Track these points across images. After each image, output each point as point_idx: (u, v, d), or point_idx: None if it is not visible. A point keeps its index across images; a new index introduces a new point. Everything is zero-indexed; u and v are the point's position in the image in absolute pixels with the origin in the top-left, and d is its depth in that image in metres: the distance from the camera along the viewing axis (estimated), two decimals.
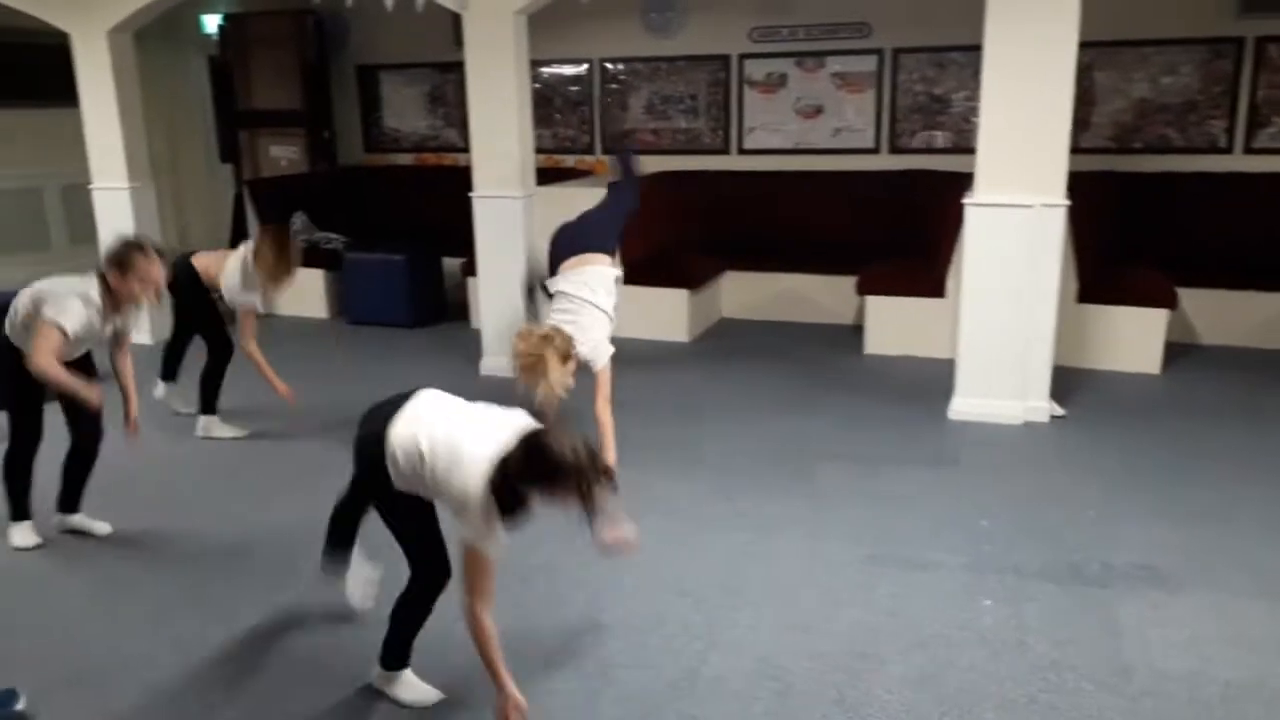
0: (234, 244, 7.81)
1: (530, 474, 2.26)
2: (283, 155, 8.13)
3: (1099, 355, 5.39)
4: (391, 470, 2.43)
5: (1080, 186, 4.64)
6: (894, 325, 5.78)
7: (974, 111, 4.51)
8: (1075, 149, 4.72)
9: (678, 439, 4.50)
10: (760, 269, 6.71)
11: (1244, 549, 3.37)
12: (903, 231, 6.43)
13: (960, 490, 3.90)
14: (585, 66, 7.60)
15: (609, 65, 7.54)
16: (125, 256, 3.40)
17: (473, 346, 5.70)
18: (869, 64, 6.91)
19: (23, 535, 3.58)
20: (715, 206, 7.11)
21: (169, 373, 5.06)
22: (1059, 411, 4.67)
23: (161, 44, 8.42)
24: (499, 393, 5.09)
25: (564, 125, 7.76)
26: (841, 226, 6.77)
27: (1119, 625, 2.91)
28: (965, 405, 4.68)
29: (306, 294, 7.04)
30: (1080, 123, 6.36)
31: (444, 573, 2.55)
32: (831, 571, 3.25)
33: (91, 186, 6.32)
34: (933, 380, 5.04)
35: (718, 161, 7.33)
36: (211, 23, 8.66)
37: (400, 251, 6.74)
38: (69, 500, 3.67)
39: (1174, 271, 5.54)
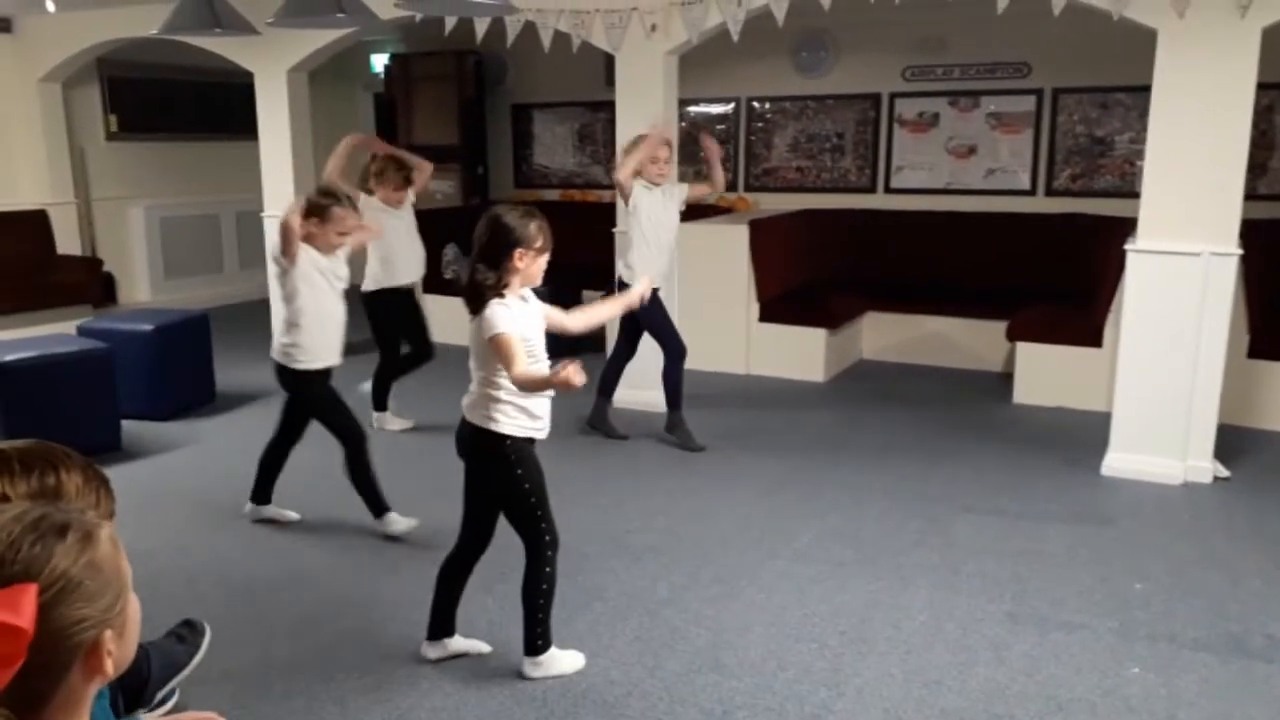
0: None
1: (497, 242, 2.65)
2: (438, 189, 8.50)
3: (1269, 415, 5.02)
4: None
5: (1255, 235, 4.35)
6: (1046, 374, 5.53)
7: (1138, 154, 4.31)
8: (1250, 195, 4.44)
9: (809, 481, 4.42)
10: (903, 310, 6.56)
11: None
12: (1057, 277, 6.19)
13: (1111, 550, 3.69)
14: (731, 105, 7.66)
15: (755, 103, 7.58)
16: (322, 207, 3.63)
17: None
18: (1027, 104, 6.71)
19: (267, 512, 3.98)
20: (858, 245, 7.02)
21: (380, 402, 5.17)
22: (1223, 473, 4.36)
23: (334, 82, 9.00)
24: (622, 423, 5.21)
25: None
26: (991, 269, 6.56)
27: None
28: (1120, 461, 4.43)
29: (456, 323, 7.28)
30: (1257, 167, 5.99)
31: (552, 542, 2.73)
32: (965, 627, 3.12)
33: (263, 214, 6.76)
34: (1086, 433, 4.80)
35: (863, 200, 7.24)
36: (379, 62, 9.19)
37: (546, 283, 6.88)
38: (263, 491, 3.98)
39: None
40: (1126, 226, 4.47)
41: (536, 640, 2.80)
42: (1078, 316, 5.54)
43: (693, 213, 6.59)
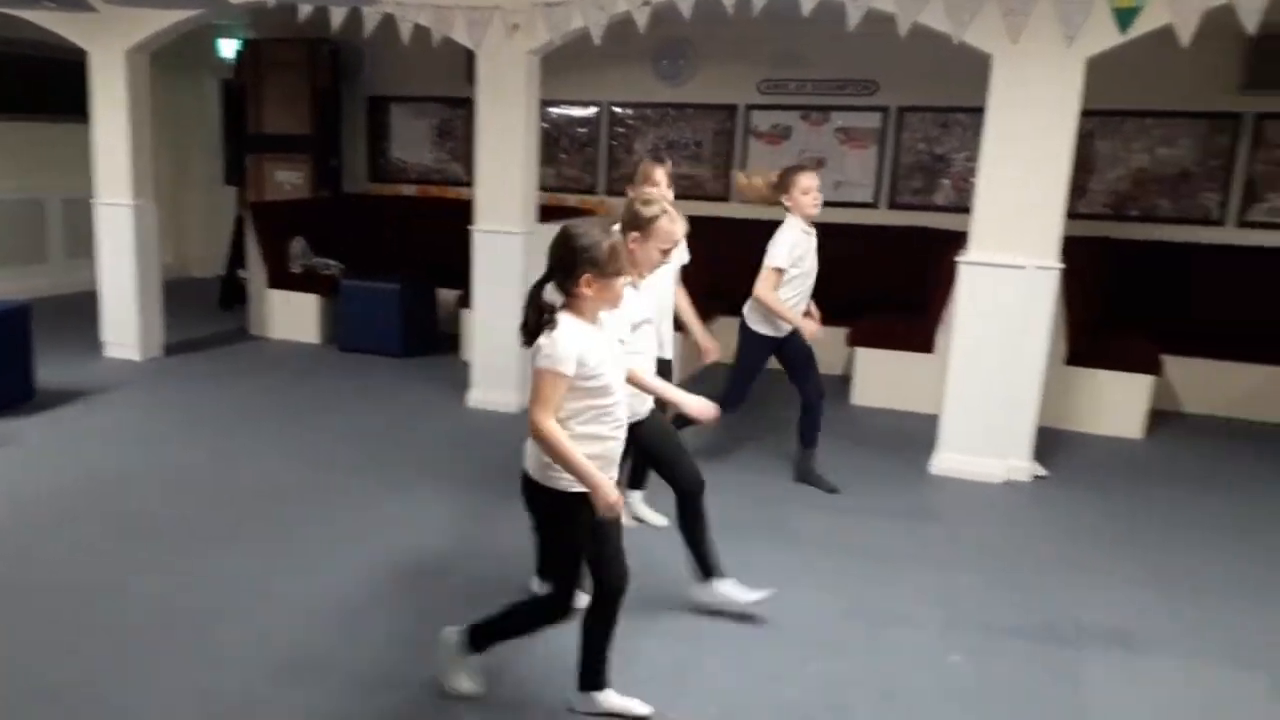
0: (232, 266, 7.98)
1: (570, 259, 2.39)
2: (287, 180, 8.21)
3: (1084, 418, 5.41)
4: None
5: (1074, 251, 4.68)
6: (882, 378, 5.80)
7: (974, 171, 4.57)
8: (1072, 214, 4.77)
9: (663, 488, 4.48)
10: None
11: (1217, 615, 3.36)
12: (897, 286, 6.48)
13: (939, 545, 3.90)
14: (594, 109, 7.70)
15: (617, 108, 7.65)
16: (643, 219, 2.96)
17: (461, 378, 5.70)
18: (874, 120, 7.00)
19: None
20: (716, 253, 7.13)
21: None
22: (1041, 472, 4.67)
23: (177, 65, 8.57)
24: (486, 425, 5.18)
25: (569, 165, 7.84)
26: (836, 278, 6.77)
27: (1086, 685, 2.89)
28: (948, 461, 4.69)
29: (300, 319, 7.08)
30: (1078, 189, 6.44)
31: (621, 580, 2.58)
32: (803, 622, 3.23)
33: (95, 201, 6.37)
34: (918, 435, 5.04)
35: (720, 208, 7.40)
36: (228, 47, 8.80)
37: (396, 280, 6.77)
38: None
39: (1161, 339, 5.60)
40: (961, 240, 4.73)
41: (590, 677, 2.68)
42: (913, 324, 5.82)
43: (552, 215, 6.61)
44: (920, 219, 6.84)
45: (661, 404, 3.17)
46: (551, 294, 2.43)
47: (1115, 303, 6.09)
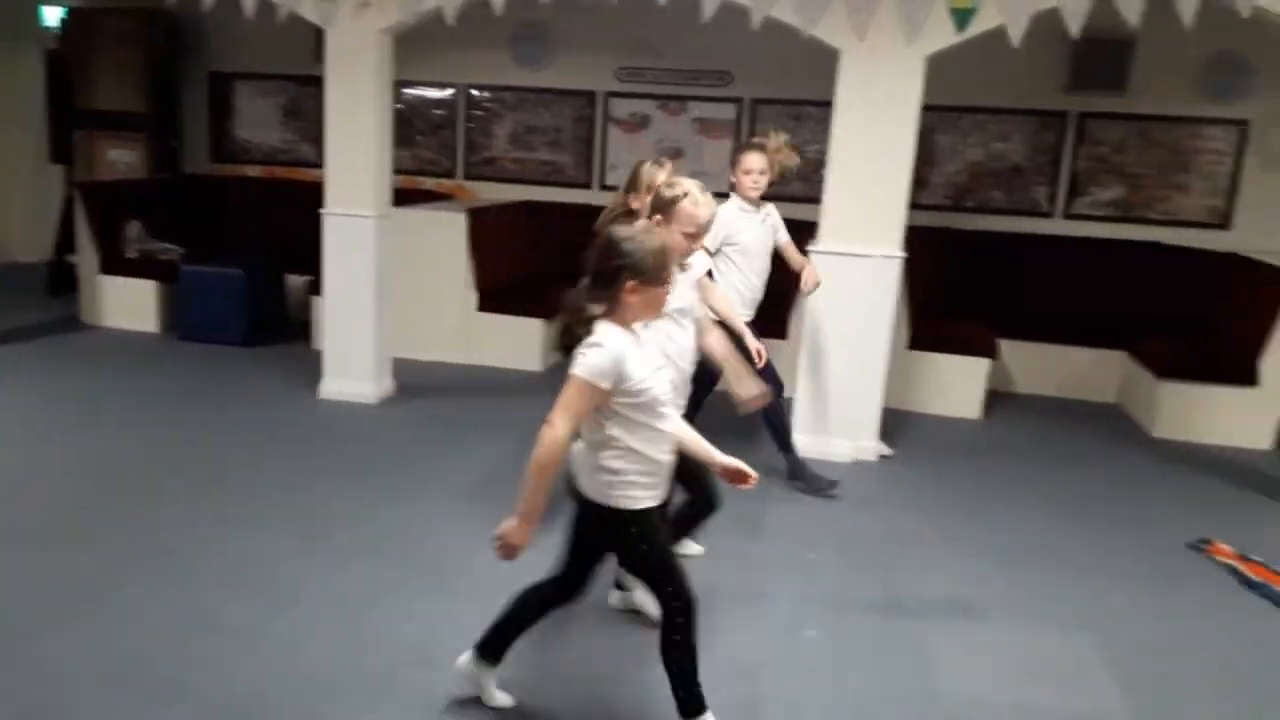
0: (61, 250, 7.46)
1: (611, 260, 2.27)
2: (121, 159, 7.73)
3: (926, 400, 5.70)
4: None
5: (916, 241, 4.90)
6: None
7: (824, 163, 4.72)
8: (914, 205, 4.99)
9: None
10: None
11: (1052, 583, 3.60)
12: None
13: (791, 525, 4.02)
14: (451, 91, 7.56)
15: (475, 92, 7.53)
16: (664, 201, 2.82)
17: (313, 368, 5.51)
18: (729, 111, 7.13)
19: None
20: (577, 239, 7.14)
21: None
22: (887, 451, 4.89)
23: None
24: (341, 417, 5.03)
25: (425, 148, 7.68)
26: None
27: (933, 655, 3.05)
28: (800, 442, 4.83)
29: (137, 306, 6.69)
30: (919, 181, 6.73)
31: (686, 600, 2.43)
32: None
33: None
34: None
35: (580, 195, 7.40)
36: (52, 15, 8.19)
37: (240, 266, 6.47)
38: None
39: (996, 324, 5.95)
40: (812, 230, 4.87)
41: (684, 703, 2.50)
42: (769, 312, 5.96)
43: (408, 198, 6.47)
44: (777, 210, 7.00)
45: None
46: (592, 298, 2.31)
47: (954, 290, 6.42)
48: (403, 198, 6.09)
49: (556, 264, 7.10)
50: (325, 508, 3.92)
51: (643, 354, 2.30)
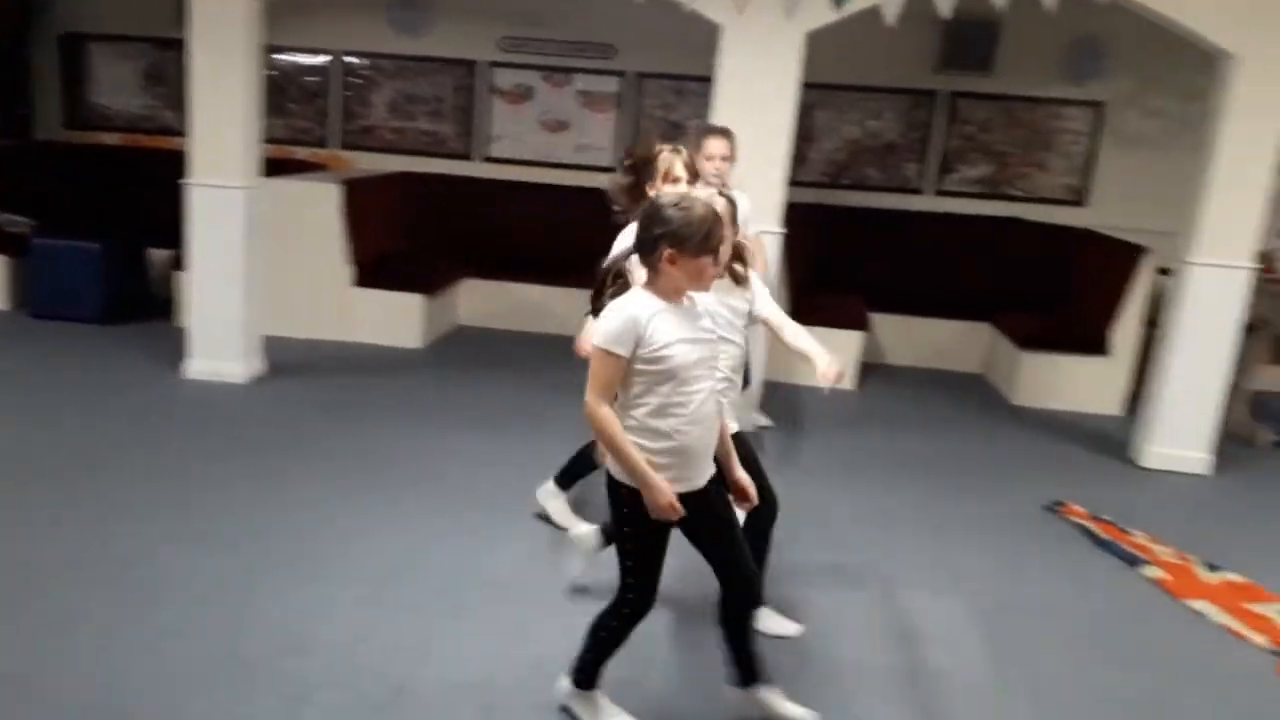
0: None
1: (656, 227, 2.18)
2: None
3: (802, 372, 5.83)
4: None
5: (796, 217, 5.00)
6: None
7: None
8: (794, 182, 5.09)
9: (406, 448, 4.40)
10: (500, 278, 6.71)
11: (921, 547, 3.75)
12: None
13: None
14: (325, 58, 7.30)
15: (351, 59, 7.29)
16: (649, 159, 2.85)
17: (177, 347, 5.27)
18: (613, 85, 7.10)
19: None
20: (455, 212, 7.06)
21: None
22: (766, 423, 5.00)
23: None
24: (208, 397, 4.83)
25: (299, 116, 7.40)
26: (582, 240, 6.87)
27: (806, 620, 3.13)
28: None
29: None
30: (799, 158, 6.87)
31: (638, 609, 2.40)
32: (554, 580, 3.29)
33: None
34: None
35: (461, 167, 7.27)
36: None
37: (97, 239, 6.12)
38: None
39: (870, 298, 6.15)
40: None
41: (577, 673, 2.52)
42: None
43: (280, 169, 6.24)
44: None
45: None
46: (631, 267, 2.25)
47: (829, 265, 6.59)
48: (274, 168, 5.87)
49: (437, 237, 7.02)
50: (194, 494, 3.77)
51: (679, 322, 2.20)
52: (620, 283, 2.29)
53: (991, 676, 2.93)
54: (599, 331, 2.19)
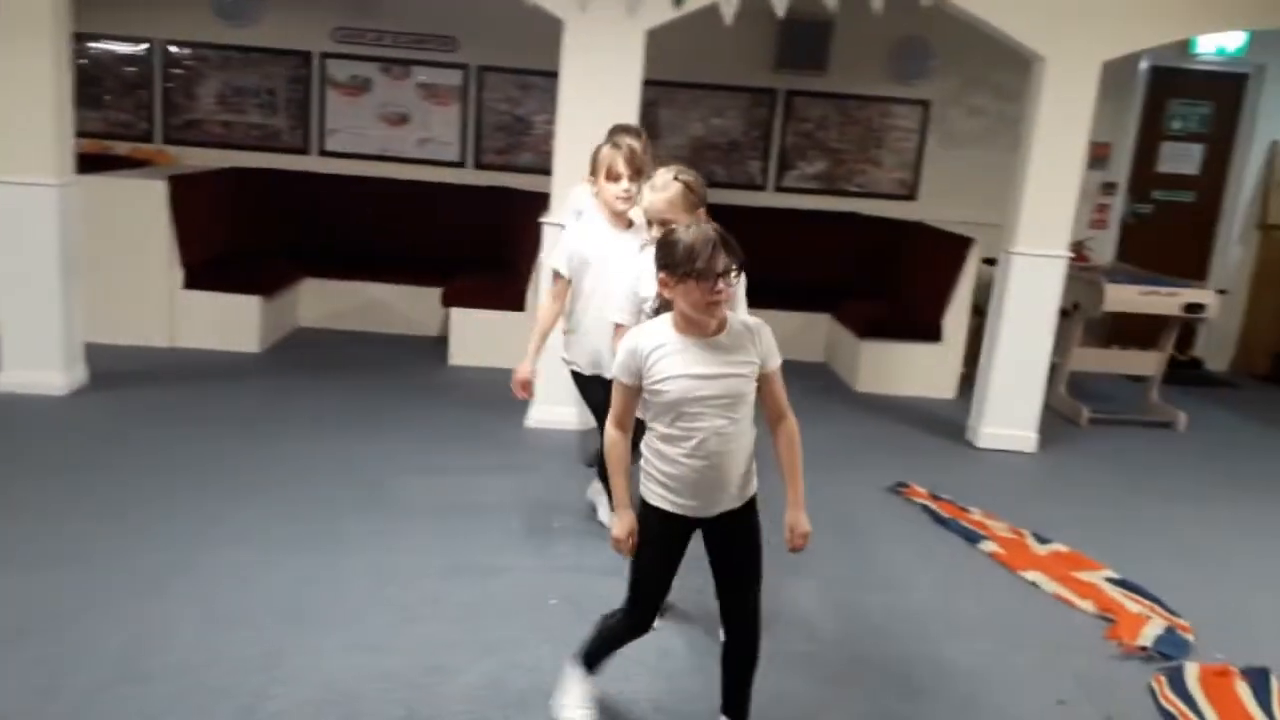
0: None
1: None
2: None
3: None
4: None
5: None
6: (478, 337, 5.87)
7: (553, 134, 4.74)
8: None
9: (245, 458, 4.19)
10: (341, 277, 6.49)
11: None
12: (488, 246, 6.57)
13: (535, 495, 4.05)
14: (144, 47, 6.86)
15: (174, 48, 6.87)
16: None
17: None
18: (455, 78, 6.97)
19: None
20: (294, 208, 6.78)
21: None
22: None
23: None
24: (24, 411, 4.46)
25: (117, 109, 6.93)
26: (426, 237, 6.76)
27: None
28: (540, 413, 4.88)
29: None
30: None
31: (646, 624, 2.44)
32: (405, 586, 3.20)
33: None
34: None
35: (297, 162, 6.98)
36: None
37: None
38: None
39: None
40: (544, 200, 4.88)
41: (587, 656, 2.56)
42: (506, 283, 5.95)
43: (99, 164, 5.82)
44: (506, 179, 6.95)
45: None
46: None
47: None
48: (92, 164, 5.48)
49: (274, 235, 6.72)
50: (11, 516, 3.48)
51: (695, 356, 2.19)
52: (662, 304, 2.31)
53: (844, 654, 3.04)
54: (614, 362, 2.31)
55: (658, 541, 2.32)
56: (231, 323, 5.80)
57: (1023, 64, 4.95)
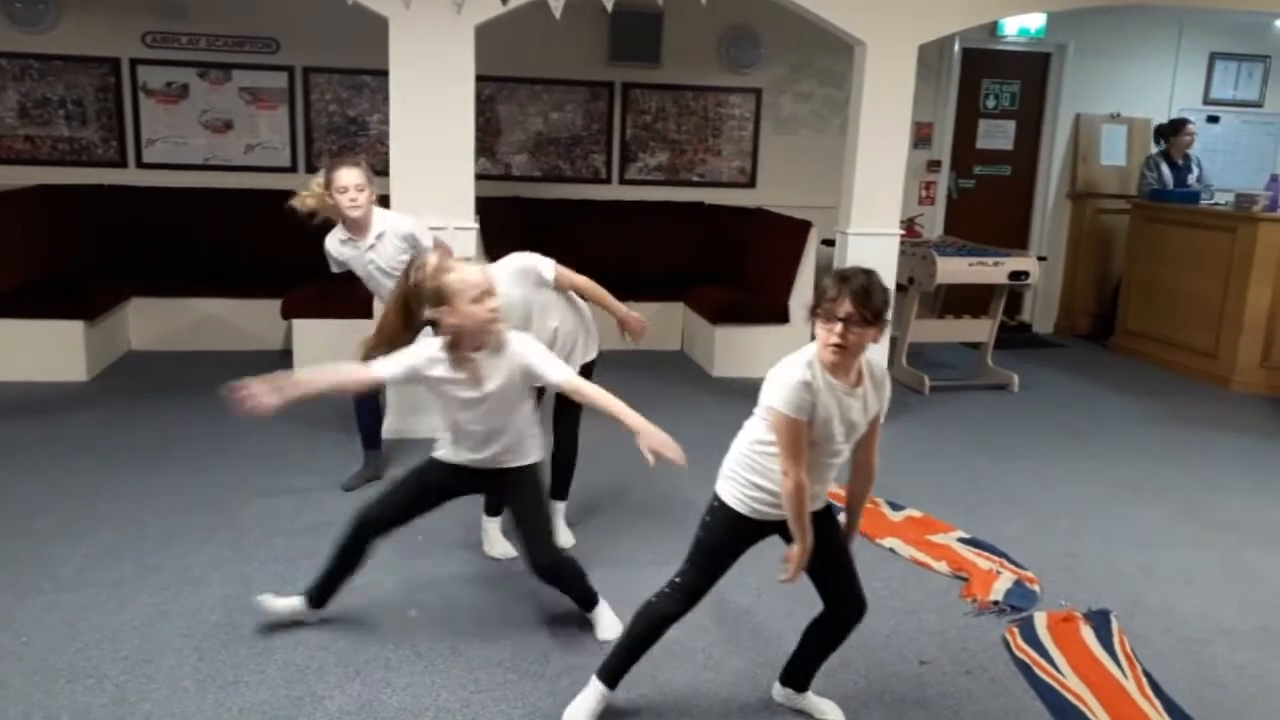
0: None
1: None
2: None
3: None
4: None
5: (488, 210, 4.96)
6: (321, 347, 5.64)
7: (389, 135, 4.60)
8: (483, 175, 5.04)
9: (77, 495, 3.91)
10: (173, 294, 6.14)
11: (649, 525, 3.86)
12: (321, 253, 6.32)
13: None
14: None
15: None
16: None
17: None
18: (280, 80, 6.69)
19: None
20: (113, 225, 6.37)
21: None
22: None
23: None
24: None
25: None
26: (260, 247, 6.46)
27: (548, 610, 3.14)
28: (398, 424, 4.75)
29: None
30: (487, 151, 6.85)
31: (690, 602, 2.52)
32: (259, 615, 3.05)
33: None
34: None
35: (114, 175, 6.56)
36: None
37: None
38: None
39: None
40: (385, 202, 4.73)
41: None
42: (347, 289, 5.74)
43: None
44: None
45: None
46: None
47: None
48: None
49: (94, 254, 6.28)
50: None
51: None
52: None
53: (721, 639, 3.08)
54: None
55: (730, 541, 2.51)
56: (53, 351, 5.40)
57: (846, 49, 5.13)
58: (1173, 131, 7.35)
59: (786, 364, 2.36)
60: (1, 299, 5.35)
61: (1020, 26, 7.43)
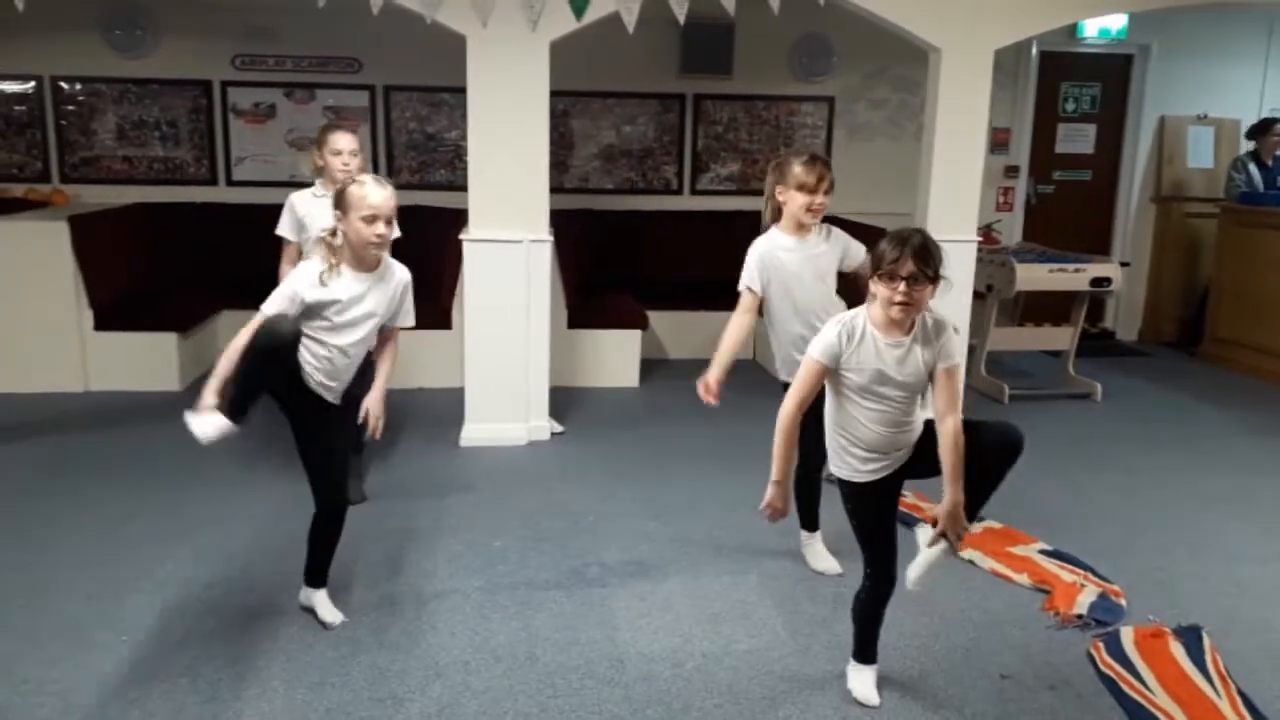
0: None
1: None
2: None
3: (588, 374, 5.91)
4: None
5: (562, 223, 5.03)
6: (406, 356, 5.77)
7: (465, 150, 4.71)
8: (557, 189, 5.12)
9: (171, 502, 4.07)
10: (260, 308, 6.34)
11: (713, 532, 3.88)
12: (408, 265, 6.47)
13: (473, 514, 4.01)
14: (32, 84, 6.63)
15: (64, 84, 6.66)
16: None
17: None
18: (362, 99, 6.89)
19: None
20: (205, 241, 6.62)
21: None
22: (558, 428, 5.02)
23: None
24: None
25: (8, 149, 6.69)
26: None
27: (614, 620, 3.18)
28: (475, 432, 4.84)
29: None
30: (560, 165, 6.94)
31: (888, 580, 2.65)
32: (346, 619, 3.14)
33: None
34: (445, 411, 5.13)
35: (205, 193, 6.82)
36: None
37: None
38: None
39: (643, 297, 6.29)
40: (462, 217, 4.85)
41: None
42: (427, 301, 5.86)
43: None
44: (421, 198, 6.87)
45: None
46: None
47: (602, 268, 6.69)
48: None
49: (187, 269, 6.53)
50: None
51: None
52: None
53: (794, 647, 3.07)
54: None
55: (865, 504, 2.64)
56: (148, 362, 5.63)
57: (920, 56, 5.08)
58: (1262, 132, 7.11)
59: (831, 322, 2.53)
60: (101, 312, 5.60)
61: (1101, 28, 7.27)
